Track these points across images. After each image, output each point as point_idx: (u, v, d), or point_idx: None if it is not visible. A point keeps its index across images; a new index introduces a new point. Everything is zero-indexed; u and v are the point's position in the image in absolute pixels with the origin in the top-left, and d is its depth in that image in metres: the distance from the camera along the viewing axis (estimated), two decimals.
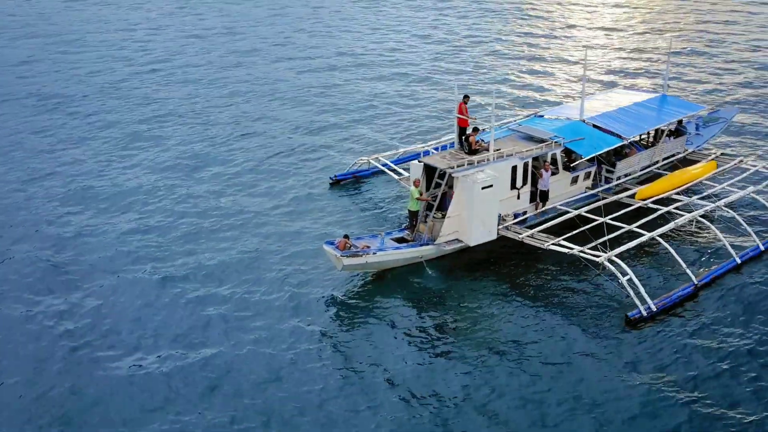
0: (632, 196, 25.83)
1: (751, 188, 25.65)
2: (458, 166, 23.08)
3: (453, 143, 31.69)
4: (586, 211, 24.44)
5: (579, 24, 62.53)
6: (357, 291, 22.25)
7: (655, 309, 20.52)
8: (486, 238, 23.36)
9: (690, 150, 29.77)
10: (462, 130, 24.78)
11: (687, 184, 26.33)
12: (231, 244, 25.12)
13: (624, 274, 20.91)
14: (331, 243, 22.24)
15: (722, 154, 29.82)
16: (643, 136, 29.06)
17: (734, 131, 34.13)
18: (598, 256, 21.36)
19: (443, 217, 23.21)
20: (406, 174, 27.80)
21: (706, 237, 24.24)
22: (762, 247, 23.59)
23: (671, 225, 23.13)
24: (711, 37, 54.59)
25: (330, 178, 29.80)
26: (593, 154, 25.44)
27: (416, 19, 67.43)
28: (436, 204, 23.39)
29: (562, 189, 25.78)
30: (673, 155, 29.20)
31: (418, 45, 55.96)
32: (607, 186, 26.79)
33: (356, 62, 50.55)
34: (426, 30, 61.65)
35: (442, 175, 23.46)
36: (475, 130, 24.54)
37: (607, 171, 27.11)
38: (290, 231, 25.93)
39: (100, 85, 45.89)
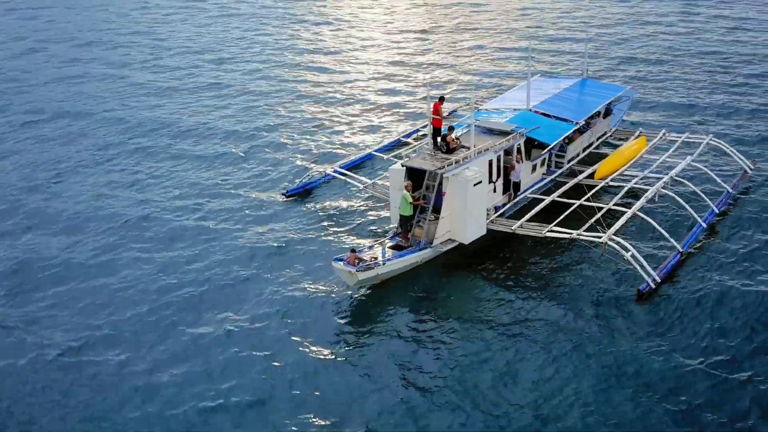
0: (588, 176, 27.05)
1: (689, 157, 27.69)
2: (447, 166, 23.09)
3: (394, 142, 31.92)
4: (558, 196, 25.36)
5: (494, 18, 63.49)
6: (360, 303, 21.79)
7: (659, 280, 21.71)
8: (478, 234, 23.58)
9: (613, 128, 31.69)
10: (436, 131, 24.78)
11: (632, 160, 28.00)
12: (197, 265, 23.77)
13: (627, 250, 21.93)
14: (340, 260, 21.50)
15: (641, 130, 32.00)
16: None
17: (638, 108, 36.60)
18: (599, 237, 22.25)
19: (436, 218, 23.16)
20: (369, 181, 27.40)
21: (669, 206, 25.85)
22: (716, 210, 25.59)
23: (643, 200, 24.50)
24: (612, 23, 57.39)
25: (282, 194, 28.68)
26: (557, 141, 26.41)
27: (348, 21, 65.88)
28: (430, 206, 23.26)
29: (525, 178, 26.53)
30: (603, 134, 30.95)
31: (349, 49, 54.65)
32: (560, 170, 27.89)
33: (285, 69, 48.77)
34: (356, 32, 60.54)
35: (432, 177, 23.33)
36: (451, 129, 24.64)
37: (557, 156, 28.22)
38: (266, 252, 24.80)
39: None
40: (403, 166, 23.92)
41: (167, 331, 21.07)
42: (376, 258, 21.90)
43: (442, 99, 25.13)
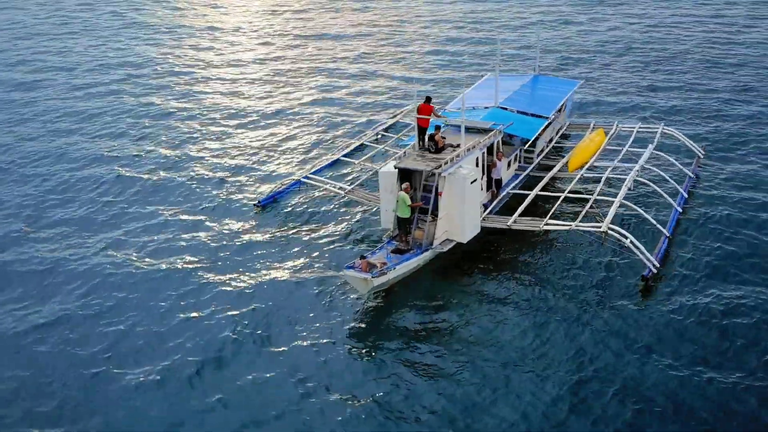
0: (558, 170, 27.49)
1: (651, 146, 28.69)
2: (444, 164, 22.86)
3: (357, 147, 31.35)
4: (540, 189, 25.67)
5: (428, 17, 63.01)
6: (366, 311, 21.30)
7: (658, 265, 22.33)
8: (475, 233, 23.49)
9: (568, 122, 32.48)
10: (422, 131, 24.50)
11: (598, 151, 28.73)
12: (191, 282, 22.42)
13: (625, 237, 22.45)
14: (351, 267, 20.83)
15: (594, 122, 32.92)
16: None
17: (586, 101, 37.57)
18: (598, 227, 22.65)
19: (434, 219, 22.88)
20: (347, 186, 26.76)
21: (643, 194, 26.66)
22: (685, 194, 26.66)
23: (625, 189, 25.13)
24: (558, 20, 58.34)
25: (255, 204, 27.55)
26: (536, 135, 26.73)
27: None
28: (430, 207, 22.92)
29: (502, 174, 26.70)
30: (560, 128, 31.65)
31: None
32: (532, 165, 28.25)
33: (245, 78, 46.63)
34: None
35: (429, 177, 23.00)
36: (438, 128, 24.42)
37: (526, 151, 28.58)
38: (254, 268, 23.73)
39: None
40: (396, 168, 23.47)
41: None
42: (385, 263, 21.35)
43: (428, 99, 24.88)
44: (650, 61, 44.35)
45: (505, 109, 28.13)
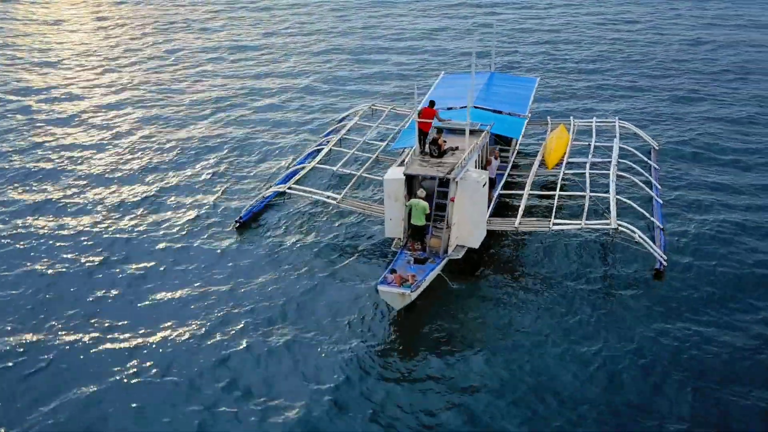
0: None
1: (616, 140, 29.48)
2: (456, 168, 22.31)
3: (313, 152, 30.06)
4: (531, 189, 25.70)
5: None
6: (392, 325, 20.54)
7: (665, 257, 22.91)
8: (483, 236, 23.12)
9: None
10: (423, 135, 23.79)
11: (568, 147, 29.14)
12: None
13: (634, 232, 22.87)
14: (385, 283, 19.86)
15: (549, 117, 33.40)
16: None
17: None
18: (608, 224, 22.90)
19: (448, 226, 22.31)
20: (336, 195, 25.53)
21: (623, 187, 27.22)
22: (659, 186, 27.55)
23: (614, 185, 25.58)
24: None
25: (235, 221, 25.72)
26: (521, 134, 26.67)
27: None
28: (448, 214, 22.25)
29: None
30: None
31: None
32: (509, 165, 28.22)
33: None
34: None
35: (442, 183, 22.33)
36: (440, 131, 23.80)
37: (501, 150, 28.52)
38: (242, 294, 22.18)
39: None
40: (405, 174, 22.64)
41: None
42: (414, 275, 20.52)
43: (432, 103, 24.21)
44: (599, 58, 44.94)
45: (482, 108, 27.89)
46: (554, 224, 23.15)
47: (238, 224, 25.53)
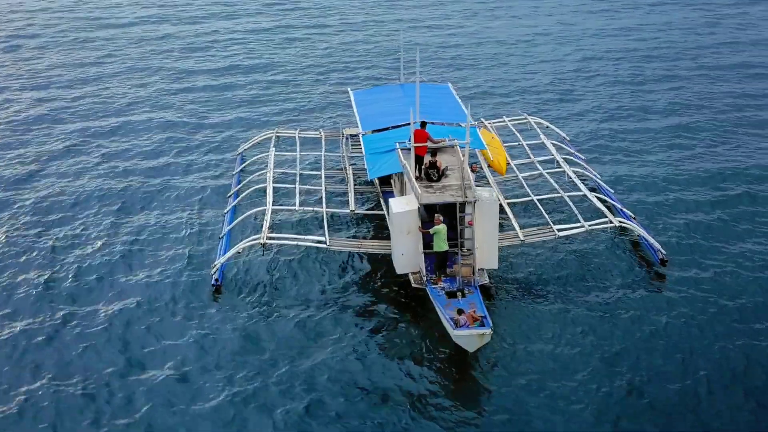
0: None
1: (542, 137, 29.94)
2: (470, 190, 21.21)
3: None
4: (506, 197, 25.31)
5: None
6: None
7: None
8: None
9: None
10: (419, 159, 22.27)
11: (504, 149, 28.97)
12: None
13: (635, 227, 23.42)
14: (463, 327, 18.28)
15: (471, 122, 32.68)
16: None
17: None
18: (609, 222, 23.11)
19: (470, 252, 21.19)
20: (321, 238, 22.97)
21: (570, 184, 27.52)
22: (598, 178, 28.30)
23: (581, 185, 25.98)
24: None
25: (212, 285, 22.27)
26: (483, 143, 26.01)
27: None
28: (474, 239, 21.01)
29: None
30: None
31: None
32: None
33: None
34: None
35: (463, 208, 21.07)
36: (434, 153, 22.41)
37: None
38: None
39: None
40: (421, 205, 21.05)
41: None
42: (474, 310, 19.13)
43: (423, 124, 22.65)
44: (484, 60, 45.12)
45: (431, 123, 26.76)
46: (559, 230, 22.89)
47: (216, 287, 22.17)
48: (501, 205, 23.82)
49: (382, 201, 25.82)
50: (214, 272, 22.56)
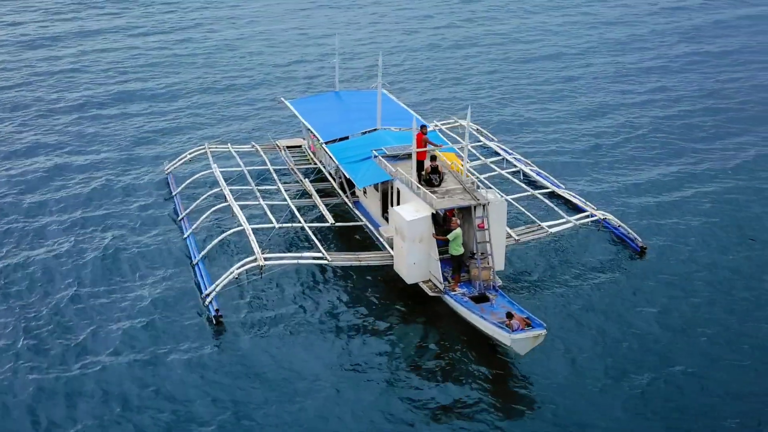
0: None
1: (485, 139, 30.34)
2: (478, 193, 20.99)
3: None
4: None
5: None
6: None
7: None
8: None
9: None
10: (420, 164, 21.62)
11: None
12: None
13: (615, 219, 24.31)
14: (517, 330, 17.94)
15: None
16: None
17: None
18: (592, 216, 23.81)
19: (484, 253, 20.93)
20: (325, 253, 21.64)
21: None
22: (543, 172, 29.03)
23: (548, 183, 26.62)
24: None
25: (214, 320, 20.23)
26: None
27: None
28: (490, 243, 20.68)
29: None
30: None
31: None
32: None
33: None
34: None
35: (480, 211, 20.72)
36: (433, 158, 21.87)
37: None
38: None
39: None
40: (436, 211, 20.47)
41: None
42: (513, 312, 18.88)
43: (424, 128, 21.92)
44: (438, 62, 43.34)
45: (387, 128, 26.21)
46: (549, 227, 23.25)
47: (216, 321, 20.18)
48: None
49: (357, 212, 24.89)
50: (209, 302, 20.60)
